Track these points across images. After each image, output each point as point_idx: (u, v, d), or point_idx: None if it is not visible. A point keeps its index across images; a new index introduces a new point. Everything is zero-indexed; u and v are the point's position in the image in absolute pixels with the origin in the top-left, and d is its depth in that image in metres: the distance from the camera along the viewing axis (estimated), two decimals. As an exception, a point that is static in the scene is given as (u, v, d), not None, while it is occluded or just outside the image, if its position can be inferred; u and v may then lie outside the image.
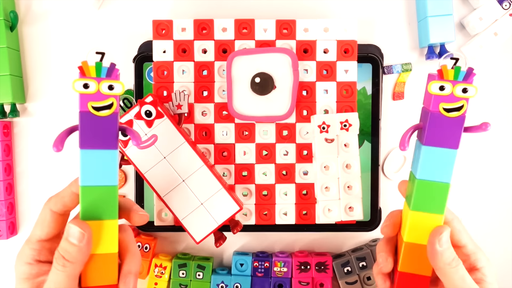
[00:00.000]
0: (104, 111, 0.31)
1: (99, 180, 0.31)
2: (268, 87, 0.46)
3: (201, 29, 0.47)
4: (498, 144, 0.52)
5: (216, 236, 0.46)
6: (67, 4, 0.51)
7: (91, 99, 0.31)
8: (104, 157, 0.31)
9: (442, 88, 0.33)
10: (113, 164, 0.31)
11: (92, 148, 0.31)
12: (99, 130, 0.31)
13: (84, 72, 0.30)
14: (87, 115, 0.31)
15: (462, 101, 0.33)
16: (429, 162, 0.34)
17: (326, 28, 0.47)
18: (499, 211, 0.53)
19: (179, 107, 0.45)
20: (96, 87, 0.31)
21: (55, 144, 0.30)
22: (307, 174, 0.48)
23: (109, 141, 0.31)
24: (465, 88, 0.33)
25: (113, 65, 0.31)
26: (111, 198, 0.32)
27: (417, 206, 0.34)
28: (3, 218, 0.50)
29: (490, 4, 0.50)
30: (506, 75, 0.52)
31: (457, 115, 0.33)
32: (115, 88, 0.31)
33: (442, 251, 0.33)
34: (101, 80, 0.31)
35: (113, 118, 0.31)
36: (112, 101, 0.31)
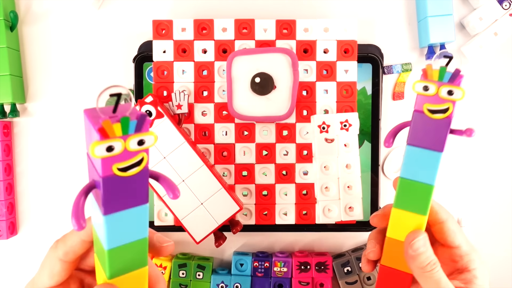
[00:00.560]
0: (133, 169, 0.25)
1: (129, 237, 0.28)
2: (268, 87, 0.46)
3: (201, 29, 0.47)
4: (498, 144, 0.52)
5: (216, 236, 0.46)
6: (67, 4, 0.51)
7: (116, 161, 0.25)
8: (135, 215, 0.27)
9: (426, 88, 0.31)
10: (144, 217, 0.27)
11: (120, 211, 0.26)
12: (127, 190, 0.26)
13: (105, 133, 0.24)
14: (111, 179, 0.25)
15: (448, 103, 0.31)
16: (411, 162, 0.33)
17: (326, 28, 0.47)
18: (500, 210, 0.53)
19: (179, 107, 0.45)
20: (122, 147, 0.25)
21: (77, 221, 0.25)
22: (307, 174, 0.48)
23: (139, 197, 0.27)
24: (451, 90, 0.31)
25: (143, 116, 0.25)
26: (142, 249, 0.28)
27: (399, 203, 0.34)
28: (3, 218, 0.50)
29: (490, 4, 0.50)
30: (506, 75, 0.52)
31: (441, 117, 0.31)
32: (146, 142, 0.25)
33: (415, 255, 0.32)
34: (128, 136, 0.25)
35: (143, 174, 0.26)
36: (142, 156, 0.25)
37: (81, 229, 0.25)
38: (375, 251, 0.35)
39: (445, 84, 0.31)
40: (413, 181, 0.33)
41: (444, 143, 0.32)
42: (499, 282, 0.53)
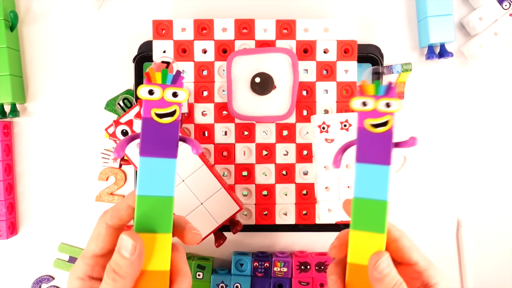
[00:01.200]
0: (167, 118, 0.30)
1: (157, 190, 0.31)
2: (268, 87, 0.46)
3: (201, 29, 0.47)
4: (498, 144, 0.52)
5: (216, 236, 0.46)
6: (67, 4, 0.51)
7: (155, 106, 0.30)
8: (163, 166, 0.30)
9: (365, 103, 0.32)
10: (171, 174, 0.31)
11: (152, 156, 0.30)
12: (160, 137, 0.30)
13: (150, 78, 0.30)
14: (149, 122, 0.30)
15: (387, 116, 0.32)
16: (363, 179, 0.33)
17: (326, 28, 0.47)
18: (500, 210, 0.53)
19: (179, 107, 0.45)
20: (160, 94, 0.30)
21: (117, 150, 0.29)
22: (307, 174, 0.48)
23: (170, 149, 0.30)
24: (388, 103, 0.31)
25: (178, 73, 0.31)
26: (166, 210, 0.31)
27: (356, 225, 0.33)
28: (3, 218, 0.50)
29: (490, 4, 0.50)
30: (506, 75, 0.52)
31: (383, 130, 0.32)
32: (179, 96, 0.30)
33: (381, 278, 0.31)
34: (166, 87, 0.30)
35: (174, 126, 0.30)
36: (175, 108, 0.30)
37: (118, 157, 0.29)
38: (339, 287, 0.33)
39: (382, 97, 0.31)
40: (367, 199, 0.33)
41: (390, 155, 0.32)
42: (499, 282, 0.53)
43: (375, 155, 0.32)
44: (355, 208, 0.33)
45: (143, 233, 0.30)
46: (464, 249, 0.52)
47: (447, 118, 0.52)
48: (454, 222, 0.53)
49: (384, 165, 0.32)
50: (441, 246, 0.53)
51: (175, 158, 0.31)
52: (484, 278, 0.53)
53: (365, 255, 0.33)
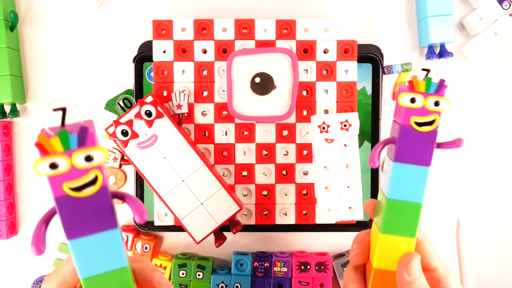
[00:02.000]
0: (87, 189, 0.24)
1: (103, 267, 0.26)
2: (268, 87, 0.46)
3: (201, 29, 0.47)
4: (498, 144, 0.52)
5: (216, 236, 0.46)
6: (67, 4, 0.51)
7: (66, 179, 0.24)
8: (105, 241, 0.25)
9: (413, 100, 0.30)
10: (118, 245, 0.26)
11: (84, 235, 0.25)
12: (87, 213, 0.25)
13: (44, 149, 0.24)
14: (65, 200, 0.24)
15: (434, 115, 0.30)
16: (400, 180, 0.31)
17: (326, 28, 0.47)
18: (500, 210, 0.53)
19: (179, 107, 0.45)
20: (68, 163, 0.23)
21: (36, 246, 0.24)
22: (307, 174, 0.48)
23: (106, 221, 0.25)
24: (437, 101, 0.30)
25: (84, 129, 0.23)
26: (125, 280, 0.26)
27: (387, 228, 0.31)
28: (3, 218, 0.50)
29: (490, 4, 0.50)
30: (506, 75, 0.52)
31: (429, 129, 0.30)
32: (94, 158, 0.23)
33: (411, 281, 0.30)
34: (72, 152, 0.23)
35: (102, 194, 0.24)
36: (94, 174, 0.24)
37: (39, 254, 0.24)
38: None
39: (432, 94, 0.30)
40: (402, 202, 0.31)
41: (431, 156, 0.30)
42: (499, 282, 0.53)
43: (416, 155, 0.31)
44: (389, 210, 0.31)
45: None
46: (464, 249, 0.52)
47: (447, 118, 0.52)
48: (454, 222, 0.53)
49: (424, 166, 0.30)
50: (441, 246, 0.53)
51: (116, 228, 0.25)
52: (484, 278, 0.53)
53: (394, 261, 0.31)
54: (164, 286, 0.29)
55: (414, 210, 0.31)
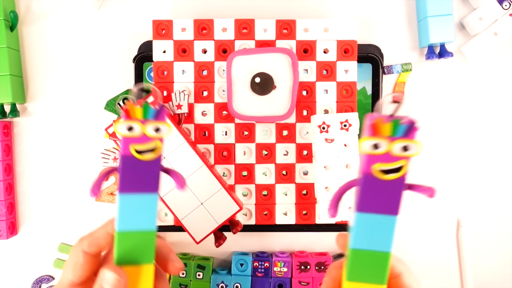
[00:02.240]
0: (148, 154, 0.29)
1: (138, 224, 0.30)
2: (268, 87, 0.46)
3: (201, 29, 0.47)
4: (498, 144, 0.52)
5: (216, 236, 0.46)
6: (67, 4, 0.51)
7: (134, 142, 0.28)
8: (145, 202, 0.29)
9: (376, 146, 0.27)
10: (153, 208, 0.30)
11: (132, 193, 0.29)
12: (140, 174, 0.29)
13: (129, 114, 0.28)
14: (129, 159, 0.28)
15: (402, 160, 0.27)
16: (363, 230, 0.29)
17: (326, 28, 0.47)
18: (500, 210, 0.53)
19: (179, 107, 0.45)
20: (141, 130, 0.28)
21: (93, 190, 0.28)
22: (307, 174, 0.48)
23: (151, 185, 0.29)
24: (406, 146, 0.26)
25: (162, 107, 0.29)
26: (148, 242, 0.30)
27: (352, 276, 0.29)
28: (3, 218, 0.50)
29: (490, 4, 0.50)
30: (506, 75, 0.52)
31: (395, 177, 0.27)
32: (161, 131, 0.28)
33: None
34: (147, 122, 0.28)
35: (156, 162, 0.29)
36: (156, 144, 0.29)
37: (93, 195, 0.28)
38: None
39: (399, 138, 0.26)
40: (367, 251, 0.29)
41: (399, 205, 0.28)
42: (499, 282, 0.53)
43: (381, 204, 0.28)
44: (352, 258, 0.29)
45: (124, 265, 0.30)
46: (464, 249, 0.52)
47: (447, 118, 0.52)
48: (454, 222, 0.53)
49: (391, 215, 0.28)
50: (441, 246, 0.53)
51: (156, 193, 0.29)
52: (484, 278, 0.53)
53: None
54: (178, 263, 0.32)
55: (381, 258, 0.29)
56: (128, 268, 0.30)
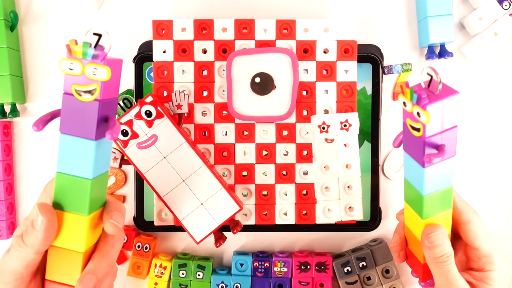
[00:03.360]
0: (86, 96, 0.29)
1: (74, 169, 0.30)
2: (268, 87, 0.46)
3: (201, 29, 0.47)
4: (498, 144, 0.52)
5: (216, 236, 0.46)
6: (67, 4, 0.51)
7: (75, 82, 0.29)
8: (81, 146, 0.29)
9: (405, 104, 0.32)
10: (89, 155, 0.29)
11: (71, 134, 0.29)
12: (79, 116, 0.29)
13: (70, 51, 0.29)
14: (69, 98, 0.29)
15: (419, 123, 0.32)
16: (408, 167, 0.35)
17: (326, 28, 0.47)
18: (500, 210, 0.53)
19: (179, 107, 0.45)
20: (81, 69, 0.29)
21: (36, 123, 0.29)
22: (307, 174, 0.48)
23: (88, 130, 0.29)
24: (419, 112, 0.31)
25: (100, 48, 0.29)
26: (83, 191, 0.30)
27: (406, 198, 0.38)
28: (3, 218, 0.50)
29: (490, 4, 0.50)
30: (506, 75, 0.52)
31: (417, 135, 0.32)
32: (98, 73, 0.28)
33: (430, 247, 0.35)
34: (87, 62, 0.29)
35: (93, 106, 0.29)
36: (95, 86, 0.29)
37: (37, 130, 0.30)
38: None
39: (415, 105, 0.31)
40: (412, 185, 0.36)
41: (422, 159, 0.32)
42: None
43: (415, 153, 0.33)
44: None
45: (59, 210, 0.30)
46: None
47: (447, 118, 0.52)
48: (454, 222, 0.53)
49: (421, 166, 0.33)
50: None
51: (93, 140, 0.29)
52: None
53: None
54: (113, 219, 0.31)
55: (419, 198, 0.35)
56: (62, 213, 0.30)
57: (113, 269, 0.33)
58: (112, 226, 0.31)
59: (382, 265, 0.50)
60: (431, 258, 0.35)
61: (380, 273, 0.50)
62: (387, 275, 0.50)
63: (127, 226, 0.51)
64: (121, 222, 0.32)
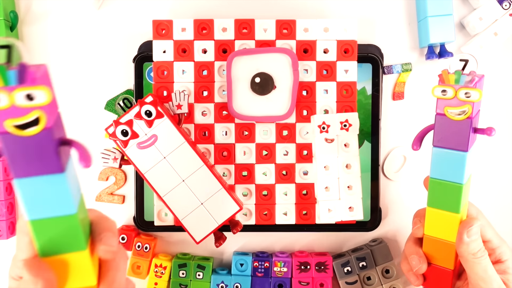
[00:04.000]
0: (31, 128, 0.23)
1: (51, 210, 0.25)
2: (268, 87, 0.46)
3: (201, 29, 0.47)
4: (498, 144, 0.52)
5: (216, 236, 0.46)
6: (67, 4, 0.51)
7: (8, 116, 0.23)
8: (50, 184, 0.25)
9: (444, 92, 0.33)
10: (64, 189, 0.25)
11: (29, 176, 0.24)
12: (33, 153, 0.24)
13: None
14: (9, 138, 0.23)
15: (467, 105, 0.33)
16: (439, 163, 0.35)
17: (326, 28, 0.47)
18: (500, 211, 0.53)
19: (179, 107, 0.45)
20: (8, 100, 0.22)
21: None
22: (307, 174, 0.48)
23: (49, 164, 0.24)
24: (468, 92, 0.32)
25: (22, 66, 0.22)
26: (72, 228, 0.26)
27: (432, 203, 0.36)
28: (3, 218, 0.50)
29: (490, 4, 0.50)
30: (506, 75, 0.52)
31: (462, 118, 0.33)
32: (36, 98, 0.23)
33: (469, 242, 0.35)
34: (12, 89, 0.22)
35: (46, 136, 0.24)
36: (37, 114, 0.23)
37: None
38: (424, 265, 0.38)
39: (462, 87, 0.32)
40: (442, 181, 0.35)
41: (467, 143, 0.33)
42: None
43: (453, 141, 0.34)
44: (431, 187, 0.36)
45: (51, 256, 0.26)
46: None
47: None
48: (454, 222, 0.53)
49: (461, 151, 0.34)
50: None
51: (62, 173, 0.25)
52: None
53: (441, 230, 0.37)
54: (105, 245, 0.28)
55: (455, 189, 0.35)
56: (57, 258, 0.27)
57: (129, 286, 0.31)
58: (105, 252, 0.28)
59: (382, 265, 0.50)
60: (470, 254, 0.35)
61: (380, 273, 0.50)
62: (387, 275, 0.50)
63: (127, 226, 0.51)
64: (114, 244, 0.29)
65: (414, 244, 0.39)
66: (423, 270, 0.38)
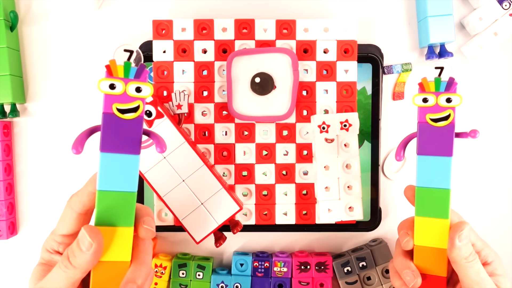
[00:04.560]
0: (129, 114, 0.29)
1: (118, 185, 0.30)
2: (268, 87, 0.46)
3: (201, 29, 0.47)
4: (498, 144, 0.52)
5: (216, 236, 0.46)
6: (67, 4, 0.51)
7: (116, 101, 0.29)
8: (126, 162, 0.30)
9: (426, 100, 0.34)
10: (134, 170, 0.30)
11: (113, 152, 0.30)
12: (122, 133, 0.29)
13: (111, 72, 0.29)
14: (110, 117, 0.29)
15: (448, 110, 0.34)
16: (425, 170, 0.35)
17: (326, 28, 0.47)
18: (500, 211, 0.53)
19: (179, 107, 0.45)
20: (123, 88, 0.29)
21: (75, 145, 0.29)
22: (307, 174, 0.48)
23: (132, 145, 0.30)
24: (449, 98, 0.33)
25: (142, 66, 0.30)
26: (128, 205, 0.30)
27: (420, 212, 0.36)
28: (3, 218, 0.50)
29: (490, 4, 0.50)
30: (506, 75, 0.52)
31: (445, 124, 0.34)
32: (142, 91, 0.29)
33: (461, 246, 0.34)
34: (129, 81, 0.29)
35: (138, 122, 0.30)
36: (138, 104, 0.29)
37: (77, 153, 0.29)
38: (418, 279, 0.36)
39: (443, 93, 0.33)
40: (430, 188, 0.35)
41: (451, 147, 0.34)
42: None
43: (437, 148, 0.34)
44: (418, 196, 0.36)
45: (103, 226, 0.30)
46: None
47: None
48: (454, 222, 0.53)
49: (446, 156, 0.34)
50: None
51: (137, 155, 0.30)
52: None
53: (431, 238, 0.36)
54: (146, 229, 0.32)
55: (443, 195, 0.35)
56: (107, 229, 0.30)
57: (150, 273, 0.34)
58: (146, 231, 0.32)
59: (382, 265, 0.50)
60: (462, 258, 0.35)
61: (380, 273, 0.50)
62: (387, 275, 0.50)
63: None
64: (153, 226, 0.32)
65: (404, 258, 0.37)
66: (418, 284, 0.36)
